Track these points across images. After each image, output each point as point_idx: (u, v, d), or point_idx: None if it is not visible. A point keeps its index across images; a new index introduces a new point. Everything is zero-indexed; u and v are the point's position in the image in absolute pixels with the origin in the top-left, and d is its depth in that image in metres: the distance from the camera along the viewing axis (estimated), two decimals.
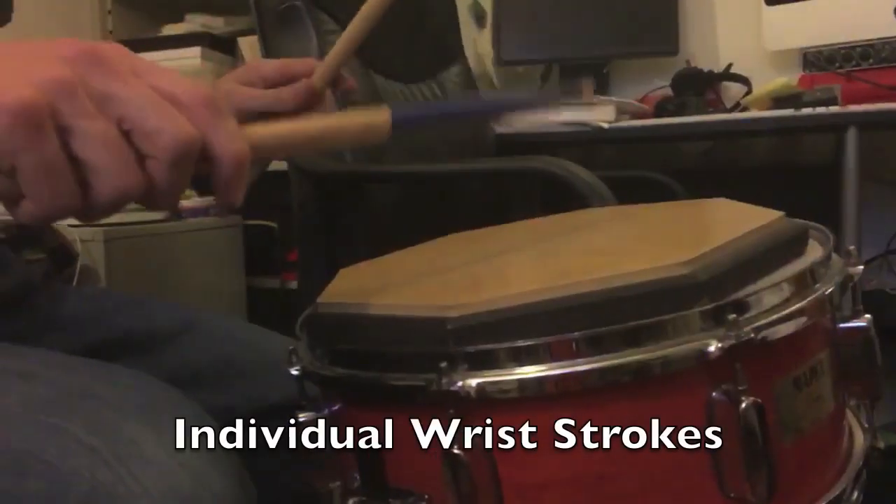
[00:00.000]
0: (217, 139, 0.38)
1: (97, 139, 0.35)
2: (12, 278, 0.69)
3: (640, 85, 1.97)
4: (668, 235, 0.56)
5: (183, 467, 0.45)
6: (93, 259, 1.40)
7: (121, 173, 0.35)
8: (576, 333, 0.41)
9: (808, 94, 1.54)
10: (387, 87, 1.39)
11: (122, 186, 0.36)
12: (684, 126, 1.66)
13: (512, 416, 0.41)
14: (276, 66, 0.77)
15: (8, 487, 0.43)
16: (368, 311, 0.47)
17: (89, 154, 0.35)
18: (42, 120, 0.34)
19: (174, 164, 0.36)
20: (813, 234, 0.54)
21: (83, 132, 0.35)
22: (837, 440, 0.49)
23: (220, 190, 0.39)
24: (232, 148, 0.38)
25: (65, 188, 0.35)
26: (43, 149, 0.34)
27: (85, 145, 0.35)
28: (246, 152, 0.39)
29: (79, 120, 0.35)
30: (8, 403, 0.46)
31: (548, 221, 0.69)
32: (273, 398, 0.68)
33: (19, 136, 0.33)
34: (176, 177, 0.37)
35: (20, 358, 0.52)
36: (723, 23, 1.98)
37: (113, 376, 0.51)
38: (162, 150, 0.36)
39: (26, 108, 0.33)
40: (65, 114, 0.34)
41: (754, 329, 0.41)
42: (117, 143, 0.35)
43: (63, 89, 0.34)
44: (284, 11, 1.22)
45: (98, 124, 0.35)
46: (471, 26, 2.01)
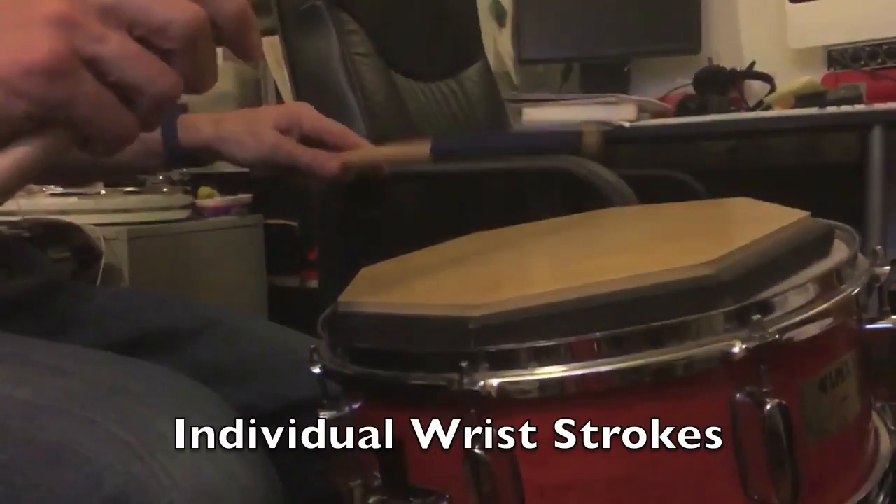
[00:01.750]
0: (215, 5, 0.39)
1: (121, 56, 0.36)
2: (40, 277, 0.70)
3: (662, 83, 1.96)
4: (691, 235, 0.56)
5: (211, 462, 0.46)
6: (116, 258, 1.42)
7: (155, 78, 0.37)
8: (598, 334, 0.40)
9: (833, 92, 1.52)
10: (407, 86, 1.39)
11: (162, 88, 0.37)
12: (706, 125, 1.65)
13: (533, 416, 0.41)
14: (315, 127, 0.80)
15: (43, 479, 0.44)
16: (389, 310, 0.48)
17: (121, 73, 0.36)
18: (73, 64, 0.35)
19: (193, 45, 0.37)
20: (838, 234, 0.53)
21: (107, 56, 0.36)
22: (863, 442, 0.48)
23: (236, 47, 0.41)
24: (230, 6, 0.39)
25: (117, 114, 0.37)
26: (85, 90, 0.35)
27: (113, 67, 0.36)
28: (243, 3, 0.40)
29: (97, 45, 0.36)
30: (43, 397, 0.47)
31: (569, 221, 0.69)
32: (295, 397, 0.69)
33: (61, 88, 0.35)
34: (202, 56, 0.38)
35: (53, 353, 0.53)
36: (746, 20, 1.96)
37: (144, 372, 0.52)
38: (178, 40, 0.37)
39: (57, 61, 0.34)
40: (84, 47, 0.35)
41: (779, 330, 0.40)
42: (138, 51, 0.37)
43: (71, 23, 0.35)
44: (306, 11, 1.23)
45: (114, 41, 0.36)
46: (491, 25, 2.01)
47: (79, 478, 0.43)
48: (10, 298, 0.66)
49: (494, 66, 1.79)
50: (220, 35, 0.40)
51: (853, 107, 1.47)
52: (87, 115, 0.36)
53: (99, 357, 0.54)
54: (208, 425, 0.48)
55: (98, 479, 0.43)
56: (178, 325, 0.72)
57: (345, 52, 1.22)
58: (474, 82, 1.58)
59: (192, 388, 0.51)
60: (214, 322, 0.73)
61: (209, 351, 0.71)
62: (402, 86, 1.38)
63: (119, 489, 0.43)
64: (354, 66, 1.23)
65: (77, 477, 0.43)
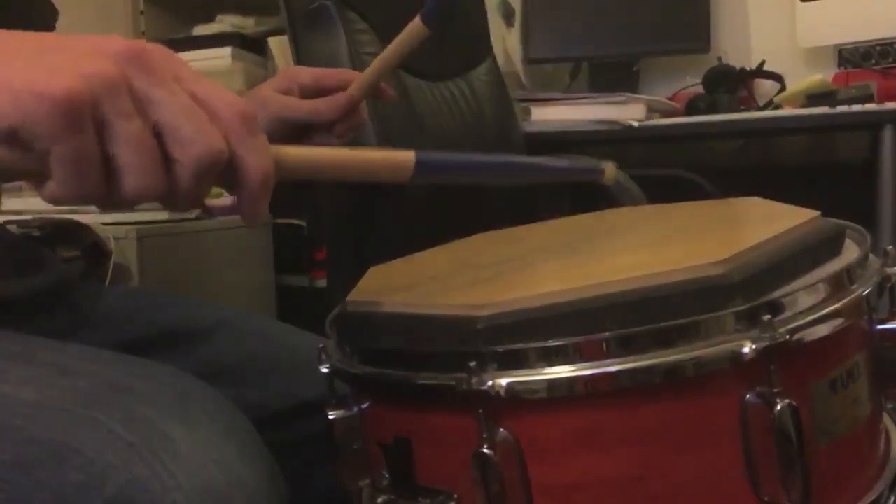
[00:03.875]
0: (246, 155, 0.39)
1: (131, 140, 0.36)
2: (50, 276, 0.71)
3: (671, 82, 1.95)
4: (701, 235, 0.56)
5: (215, 463, 0.45)
6: (125, 257, 1.42)
7: (146, 175, 0.37)
8: (606, 333, 0.40)
9: (843, 91, 1.51)
10: (415, 86, 1.39)
11: (145, 186, 0.37)
12: (716, 124, 1.64)
13: (542, 416, 0.41)
14: (314, 75, 0.77)
15: (46, 478, 0.44)
16: (398, 309, 0.48)
17: (121, 152, 0.36)
18: (83, 112, 0.35)
19: (199, 173, 0.38)
20: (849, 234, 0.53)
21: (119, 131, 0.36)
22: (874, 444, 0.48)
23: (244, 204, 0.40)
24: (259, 165, 0.39)
25: (91, 179, 0.36)
26: (79, 139, 0.35)
27: (118, 143, 0.36)
28: (271, 171, 0.40)
29: (117, 118, 0.36)
30: (48, 396, 0.47)
31: (578, 220, 0.69)
32: (303, 396, 0.69)
33: (58, 124, 0.34)
34: (198, 184, 0.38)
35: (59, 353, 0.53)
36: (755, 19, 1.95)
37: (148, 371, 0.52)
38: (190, 159, 0.37)
39: (70, 99, 0.34)
40: (105, 110, 0.35)
41: (789, 330, 0.40)
42: (149, 145, 0.37)
43: (107, 86, 0.35)
44: (314, 11, 1.23)
45: (134, 125, 0.36)
46: (499, 24, 2.00)
47: (81, 478, 0.43)
48: (21, 297, 0.66)
49: (503, 65, 1.79)
50: (235, 183, 0.39)
51: (864, 106, 1.47)
52: (64, 160, 0.35)
53: (104, 357, 0.54)
54: (212, 426, 0.48)
55: (101, 480, 0.43)
56: (188, 324, 0.72)
57: (353, 51, 1.21)
58: (483, 82, 1.58)
59: (197, 388, 0.51)
60: (223, 322, 0.73)
61: (218, 351, 0.71)
62: (411, 85, 1.38)
63: (121, 490, 0.43)
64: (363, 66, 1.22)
65: (80, 477, 0.43)
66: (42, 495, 0.43)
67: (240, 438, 0.49)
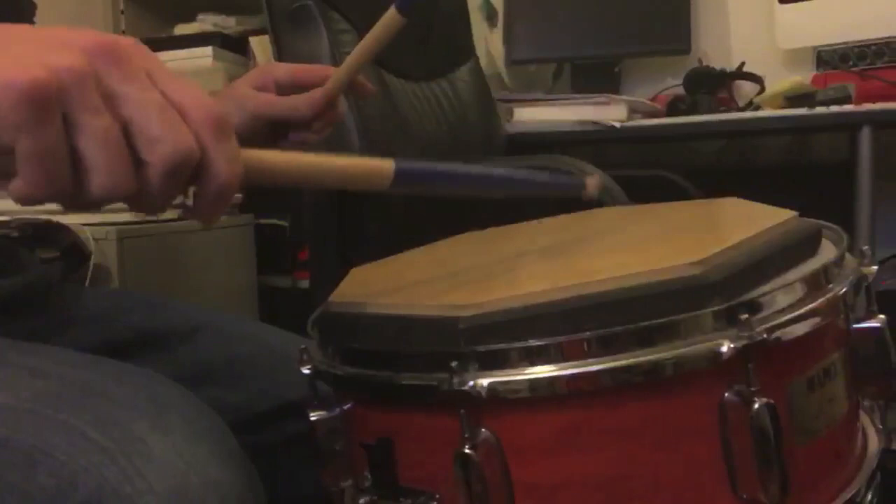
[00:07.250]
0: (215, 158, 0.38)
1: (98, 136, 0.35)
2: (30, 277, 0.70)
3: (652, 84, 1.96)
4: (681, 235, 0.56)
5: (189, 466, 0.45)
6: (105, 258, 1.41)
7: (114, 174, 0.36)
8: (587, 333, 0.41)
9: (822, 92, 1.53)
10: (398, 86, 1.39)
11: (112, 186, 0.36)
12: (697, 125, 1.66)
13: (523, 415, 0.41)
14: (290, 71, 0.76)
15: (17, 481, 0.43)
16: (380, 310, 0.48)
17: (88, 149, 0.35)
18: (49, 104, 0.34)
19: (168, 174, 0.36)
20: (826, 234, 0.54)
21: (86, 126, 0.35)
22: (851, 442, 0.49)
23: (203, 207, 0.39)
24: (228, 170, 0.38)
25: (57, 175, 0.35)
26: (44, 133, 0.34)
27: (85, 139, 0.35)
28: (238, 178, 0.39)
29: (85, 113, 0.35)
30: (19, 399, 0.47)
31: (559, 221, 0.69)
32: (284, 397, 0.69)
33: (23, 115, 0.33)
34: (166, 185, 0.37)
35: (32, 355, 0.53)
36: (735, 21, 1.97)
37: (122, 374, 0.51)
38: (159, 158, 0.36)
39: (36, 89, 0.33)
40: (72, 104, 0.34)
41: (767, 329, 0.40)
42: (117, 143, 0.36)
43: (76, 79, 0.34)
44: (296, 11, 1.22)
45: (102, 121, 0.35)
46: (482, 25, 2.01)
47: (52, 481, 0.43)
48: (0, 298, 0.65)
49: (485, 66, 1.79)
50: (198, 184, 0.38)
51: (842, 107, 1.48)
52: (29, 155, 0.34)
53: (78, 359, 0.53)
54: (186, 428, 0.47)
55: (72, 483, 0.43)
56: (169, 326, 0.72)
57: (335, 51, 1.21)
58: (465, 82, 1.58)
59: (173, 390, 0.50)
60: (205, 323, 0.73)
61: (199, 352, 0.71)
62: (394, 85, 1.38)
63: (93, 493, 0.42)
64: None
65: (50, 480, 0.43)
66: (12, 499, 0.43)
67: (214, 440, 0.48)
